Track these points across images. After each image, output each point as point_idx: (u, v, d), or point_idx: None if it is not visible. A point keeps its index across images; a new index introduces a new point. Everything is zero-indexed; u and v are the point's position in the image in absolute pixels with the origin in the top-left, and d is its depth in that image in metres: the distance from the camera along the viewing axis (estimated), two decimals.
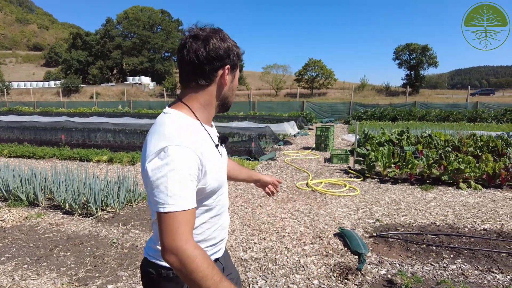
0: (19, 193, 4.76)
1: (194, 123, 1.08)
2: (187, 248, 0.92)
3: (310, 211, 4.50)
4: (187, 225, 0.95)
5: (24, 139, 10.33)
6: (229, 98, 1.17)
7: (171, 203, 0.93)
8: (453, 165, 5.66)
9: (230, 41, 1.09)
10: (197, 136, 1.05)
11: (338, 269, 2.98)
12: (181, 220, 0.94)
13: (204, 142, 1.07)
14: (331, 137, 9.58)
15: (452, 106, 20.56)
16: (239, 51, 1.12)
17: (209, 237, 1.16)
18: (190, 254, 0.92)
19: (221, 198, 1.18)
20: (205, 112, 1.13)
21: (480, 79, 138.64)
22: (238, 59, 1.12)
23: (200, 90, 1.10)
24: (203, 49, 1.03)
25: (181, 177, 0.94)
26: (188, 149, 0.97)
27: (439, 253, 3.30)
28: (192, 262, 0.92)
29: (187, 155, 0.97)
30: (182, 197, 0.94)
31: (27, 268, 3.03)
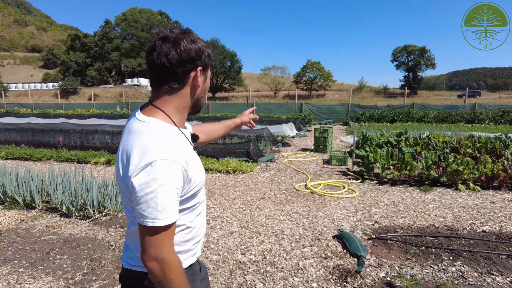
0: (16, 196, 4.73)
1: (174, 130, 1.07)
2: (172, 259, 0.98)
3: (309, 213, 4.48)
4: (171, 237, 1.00)
5: (22, 141, 10.28)
6: (202, 99, 1.17)
7: (161, 218, 0.95)
8: (451, 166, 5.65)
9: (201, 42, 1.08)
10: (180, 145, 1.04)
11: (337, 271, 2.96)
12: (168, 233, 0.98)
13: (186, 149, 1.07)
14: (330, 139, 9.57)
15: (450, 107, 20.61)
16: (210, 51, 1.11)
17: (195, 235, 1.19)
18: (173, 265, 0.98)
19: (202, 196, 1.21)
20: (181, 116, 1.12)
21: (478, 81, 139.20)
22: (209, 60, 1.11)
23: (173, 93, 1.08)
24: (174, 51, 1.01)
25: (170, 192, 0.96)
26: (175, 163, 0.97)
27: (438, 255, 3.28)
28: (173, 272, 0.98)
29: (174, 169, 0.97)
30: (171, 211, 0.97)
31: (23, 272, 3.00)
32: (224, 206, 4.80)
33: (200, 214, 1.20)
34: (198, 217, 1.19)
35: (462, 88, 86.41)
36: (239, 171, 6.85)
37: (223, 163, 7.15)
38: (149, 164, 0.94)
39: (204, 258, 3.23)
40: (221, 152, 8.24)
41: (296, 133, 13.51)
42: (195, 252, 1.22)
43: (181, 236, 1.13)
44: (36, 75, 76.82)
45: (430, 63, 49.95)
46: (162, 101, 1.08)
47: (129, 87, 47.98)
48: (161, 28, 1.06)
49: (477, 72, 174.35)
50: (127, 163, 0.99)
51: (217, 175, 6.68)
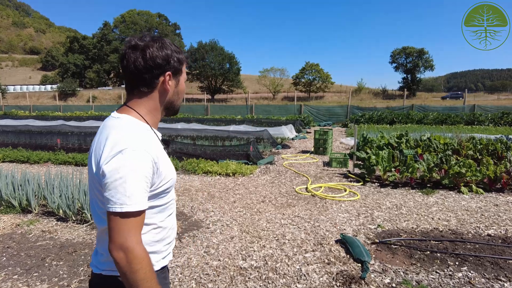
0: (12, 200, 4.63)
1: (146, 127, 1.13)
2: (138, 249, 0.98)
3: (311, 216, 4.40)
4: (139, 227, 1.01)
5: (19, 144, 10.18)
6: (175, 102, 1.22)
7: (129, 203, 0.97)
8: (454, 169, 5.59)
9: (170, 48, 1.14)
10: (150, 139, 1.10)
11: (341, 278, 2.88)
12: (136, 220, 1.00)
13: (157, 145, 1.12)
14: (330, 141, 9.51)
15: (450, 109, 20.61)
16: (180, 56, 1.17)
17: (166, 236, 1.20)
18: (139, 255, 0.98)
19: (172, 195, 1.23)
20: (153, 117, 1.18)
21: (476, 82, 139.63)
22: (180, 64, 1.17)
23: (144, 97, 1.15)
24: (141, 59, 1.09)
25: (138, 179, 1.00)
26: (145, 152, 1.03)
27: (443, 260, 3.21)
28: (138, 262, 0.97)
29: (144, 158, 1.02)
30: (139, 198, 0.99)
31: (17, 279, 2.91)
32: (224, 209, 4.71)
33: (171, 215, 1.23)
34: (169, 218, 1.22)
35: (460, 89, 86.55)
36: (238, 174, 6.77)
37: (223, 165, 7.06)
38: (120, 152, 1.00)
39: (204, 264, 3.15)
40: (220, 154, 8.16)
41: (296, 135, 13.44)
42: (166, 255, 1.23)
43: (151, 236, 1.14)
44: (34, 77, 76.61)
45: (429, 64, 50.02)
46: (134, 103, 1.16)
47: None
48: (132, 37, 1.13)
49: (475, 74, 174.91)
50: (99, 155, 1.04)
51: (216, 178, 6.60)
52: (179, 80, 1.21)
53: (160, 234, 1.17)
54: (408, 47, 50.37)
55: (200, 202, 5.07)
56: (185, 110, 24.81)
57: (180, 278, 2.91)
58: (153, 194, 1.10)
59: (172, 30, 63.97)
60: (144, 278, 0.99)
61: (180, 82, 1.21)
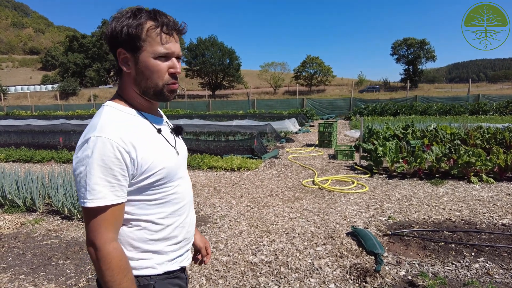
0: (16, 199, 4.58)
1: (127, 111, 1.01)
2: (106, 248, 0.90)
3: (319, 210, 4.32)
4: (109, 223, 0.91)
5: (22, 143, 10.14)
6: (142, 83, 1.00)
7: (89, 198, 0.89)
8: (463, 158, 5.48)
9: (124, 20, 0.96)
10: (126, 125, 0.96)
11: (354, 271, 2.81)
12: (102, 217, 0.91)
13: (139, 130, 0.98)
14: (335, 133, 9.41)
15: (454, 99, 20.41)
16: (130, 30, 0.95)
17: (169, 236, 1.07)
18: (106, 255, 0.90)
19: (175, 191, 1.07)
20: (139, 100, 1.04)
21: (478, 72, 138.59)
22: (135, 39, 0.96)
23: (122, 78, 1.04)
24: (106, 34, 0.99)
25: (99, 171, 0.89)
26: (108, 140, 0.90)
27: (459, 251, 3.12)
28: (106, 262, 0.90)
29: (107, 146, 0.89)
30: (101, 192, 0.89)
31: (24, 279, 2.85)
32: (231, 204, 4.64)
33: (176, 212, 1.08)
34: (174, 215, 1.08)
35: (462, 80, 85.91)
36: (244, 168, 6.69)
37: (227, 160, 6.99)
38: (86, 142, 0.91)
39: (213, 259, 3.08)
40: (225, 149, 8.08)
41: (299, 129, 13.34)
42: (174, 258, 1.09)
43: (146, 233, 1.02)
44: (35, 77, 76.58)
45: (430, 55, 49.58)
46: (119, 86, 1.06)
47: None
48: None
49: (477, 64, 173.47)
50: None
51: (221, 173, 6.52)
52: (139, 57, 0.97)
53: (162, 233, 1.04)
54: (409, 38, 49.89)
55: (206, 197, 5.00)
56: (187, 107, 24.72)
57: (190, 275, 2.84)
58: (139, 187, 0.98)
59: None
60: (111, 280, 0.90)
61: (141, 60, 0.97)
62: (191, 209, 1.20)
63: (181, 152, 1.14)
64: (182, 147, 1.17)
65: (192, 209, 1.22)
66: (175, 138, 1.14)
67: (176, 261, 1.11)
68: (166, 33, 0.98)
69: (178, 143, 1.15)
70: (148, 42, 0.96)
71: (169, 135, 1.11)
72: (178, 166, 1.09)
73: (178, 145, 1.14)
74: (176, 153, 1.09)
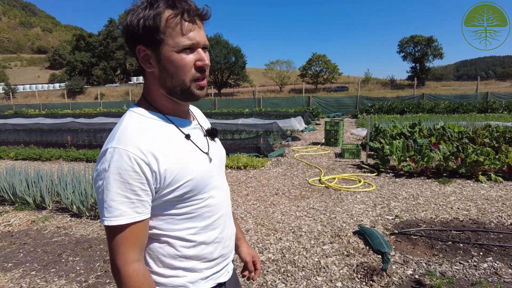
0: (26, 196, 4.65)
1: (150, 116, 0.90)
2: (126, 270, 0.83)
3: (326, 208, 4.32)
4: (129, 243, 0.83)
5: (31, 141, 10.27)
6: (167, 82, 0.88)
7: (106, 216, 0.81)
8: (471, 157, 5.44)
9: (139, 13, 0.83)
10: (150, 132, 0.86)
11: (361, 270, 2.81)
12: (122, 236, 0.83)
13: (162, 138, 0.88)
14: (341, 132, 9.38)
15: (461, 97, 20.19)
16: (148, 22, 0.82)
17: (203, 252, 0.96)
18: (127, 277, 0.83)
19: (207, 204, 0.96)
20: (166, 101, 0.92)
21: (487, 70, 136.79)
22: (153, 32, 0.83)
23: (145, 78, 0.94)
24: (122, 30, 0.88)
25: (115, 186, 0.80)
26: (125, 151, 0.81)
27: (467, 250, 3.11)
28: (125, 285, 0.83)
29: (123, 159, 0.80)
30: (119, 209, 0.81)
31: (35, 275, 2.90)
32: (237, 202, 4.66)
33: (210, 227, 0.97)
34: (207, 230, 0.96)
35: (470, 77, 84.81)
36: (250, 167, 6.71)
37: (234, 158, 7.01)
38: (104, 153, 0.83)
39: None
40: (231, 147, 8.10)
41: (305, 127, 13.32)
42: (209, 275, 0.99)
43: (177, 250, 0.92)
44: (43, 76, 77.45)
45: (438, 53, 49.09)
46: (144, 87, 0.95)
47: (135, 85, 48.10)
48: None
49: (486, 61, 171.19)
50: None
51: (227, 171, 6.55)
52: (161, 52, 0.85)
53: (193, 250, 0.94)
54: (416, 36, 49.45)
55: None
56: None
57: None
58: (165, 200, 0.88)
59: None
60: None
61: (163, 55, 0.85)
62: (228, 222, 1.06)
63: (215, 158, 1.02)
64: (217, 152, 1.04)
65: (230, 221, 1.08)
66: (208, 142, 1.02)
67: (212, 278, 1.00)
68: (188, 21, 0.84)
69: (212, 148, 1.03)
70: (168, 33, 0.84)
71: (200, 140, 0.99)
72: (210, 175, 0.97)
73: (212, 150, 1.02)
74: (208, 160, 0.98)
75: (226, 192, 1.08)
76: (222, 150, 1.10)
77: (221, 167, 1.07)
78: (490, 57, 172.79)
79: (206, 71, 0.90)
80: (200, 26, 0.88)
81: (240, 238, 1.27)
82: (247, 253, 1.26)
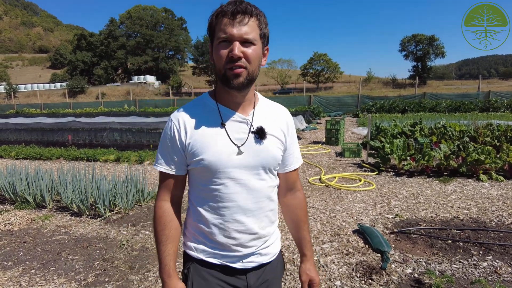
0: (26, 195, 4.66)
1: (204, 100, 1.12)
2: (156, 203, 1.14)
3: (326, 207, 4.32)
4: (163, 187, 1.13)
5: (32, 141, 10.30)
6: (216, 68, 1.04)
7: (157, 162, 1.12)
8: (472, 156, 5.42)
9: (210, 17, 1.04)
10: (195, 110, 1.10)
11: (360, 268, 2.80)
12: (160, 180, 1.14)
13: (202, 117, 1.08)
14: (342, 131, 9.36)
15: (463, 96, 20.13)
16: (212, 18, 1.03)
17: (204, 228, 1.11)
18: (155, 208, 1.14)
19: (218, 189, 1.06)
20: (222, 93, 1.09)
21: (489, 69, 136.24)
22: (210, 28, 1.04)
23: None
24: None
25: (162, 142, 1.11)
26: (174, 119, 1.09)
27: (466, 249, 3.10)
28: (154, 214, 1.14)
29: (169, 123, 1.10)
30: (160, 159, 1.11)
31: (35, 274, 2.90)
32: None
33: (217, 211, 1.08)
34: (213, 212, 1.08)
35: (472, 76, 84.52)
36: None
37: None
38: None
39: None
40: None
41: (306, 126, 13.30)
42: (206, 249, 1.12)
43: (191, 217, 1.15)
44: (44, 76, 77.58)
45: (440, 51, 48.98)
46: None
47: (136, 85, 48.13)
48: None
49: (488, 60, 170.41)
50: None
51: None
52: (213, 45, 1.03)
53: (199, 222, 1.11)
54: (418, 35, 49.34)
55: None
56: None
57: None
58: (192, 169, 1.11)
59: (179, 24, 63.66)
60: (154, 230, 1.15)
61: (214, 47, 1.02)
62: (242, 218, 1.09)
63: (251, 155, 1.07)
64: (256, 151, 1.08)
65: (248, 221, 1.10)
66: (247, 138, 1.07)
67: (216, 256, 1.11)
68: (227, 17, 0.98)
69: (251, 145, 1.07)
70: (217, 29, 1.01)
71: (238, 133, 1.07)
72: (228, 165, 1.04)
73: (250, 147, 1.07)
74: (236, 152, 1.05)
75: (251, 191, 1.09)
76: (268, 151, 1.10)
77: (258, 165, 1.09)
78: (492, 56, 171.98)
79: (237, 61, 0.98)
80: (240, 22, 0.97)
81: (304, 255, 1.28)
82: (304, 272, 1.26)
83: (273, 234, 1.19)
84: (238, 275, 1.12)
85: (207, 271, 1.11)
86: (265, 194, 1.12)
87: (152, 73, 57.67)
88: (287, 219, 1.31)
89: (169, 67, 58.28)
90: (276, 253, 1.22)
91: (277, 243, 1.22)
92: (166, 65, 58.30)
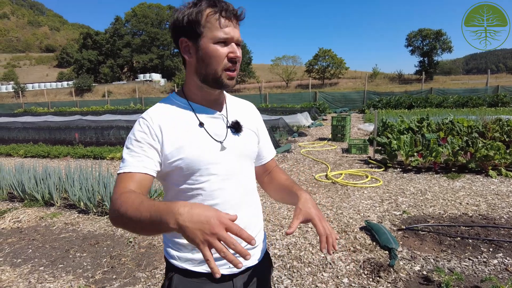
0: (35, 193, 4.71)
1: (174, 100, 1.07)
2: (113, 194, 0.92)
3: (333, 204, 4.29)
4: (124, 183, 0.95)
5: (39, 139, 10.40)
6: (203, 70, 1.00)
7: (121, 167, 0.97)
8: (481, 152, 5.34)
9: (185, 11, 0.98)
10: (167, 110, 1.04)
11: (368, 265, 2.78)
12: (121, 179, 0.95)
13: (175, 116, 1.03)
14: (348, 127, 9.30)
15: (471, 91, 19.86)
16: (190, 17, 0.96)
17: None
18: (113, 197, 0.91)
19: (201, 187, 1.01)
20: (194, 91, 1.06)
21: (497, 63, 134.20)
22: (194, 25, 0.96)
23: (185, 68, 1.07)
24: (169, 26, 1.04)
25: (131, 145, 0.99)
26: (141, 119, 1.02)
27: (476, 246, 3.06)
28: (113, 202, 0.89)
29: (140, 125, 1.00)
30: (129, 162, 0.96)
31: (43, 271, 2.93)
32: None
33: None
34: None
35: (480, 71, 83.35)
36: None
37: None
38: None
39: None
40: None
41: (312, 123, 13.25)
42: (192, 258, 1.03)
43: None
44: (51, 75, 78.30)
45: (447, 46, 48.21)
46: (185, 77, 1.10)
47: (142, 83, 48.29)
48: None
49: (496, 54, 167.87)
50: None
51: None
52: (199, 44, 0.97)
53: None
54: (424, 29, 48.61)
55: None
56: None
57: None
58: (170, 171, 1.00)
59: None
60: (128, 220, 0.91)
61: (201, 46, 0.97)
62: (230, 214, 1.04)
63: (232, 149, 1.06)
64: (237, 144, 1.08)
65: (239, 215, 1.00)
66: (226, 134, 1.07)
67: (202, 263, 1.03)
68: (225, 18, 0.96)
69: (231, 139, 1.07)
70: (207, 27, 0.96)
71: (217, 129, 1.06)
72: (214, 161, 1.02)
73: (231, 141, 1.06)
74: (219, 148, 1.04)
75: (236, 185, 1.06)
76: (245, 144, 1.11)
77: (240, 159, 1.09)
78: (500, 50, 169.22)
79: (237, 63, 1.01)
80: (235, 25, 0.99)
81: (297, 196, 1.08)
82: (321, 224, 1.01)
83: (259, 232, 1.16)
84: (224, 282, 1.07)
85: (192, 281, 1.05)
86: (250, 187, 1.13)
87: (158, 71, 57.82)
88: (274, 190, 1.25)
89: (175, 64, 58.34)
90: (262, 255, 1.18)
91: (263, 245, 1.21)
92: (171, 62, 58.40)
